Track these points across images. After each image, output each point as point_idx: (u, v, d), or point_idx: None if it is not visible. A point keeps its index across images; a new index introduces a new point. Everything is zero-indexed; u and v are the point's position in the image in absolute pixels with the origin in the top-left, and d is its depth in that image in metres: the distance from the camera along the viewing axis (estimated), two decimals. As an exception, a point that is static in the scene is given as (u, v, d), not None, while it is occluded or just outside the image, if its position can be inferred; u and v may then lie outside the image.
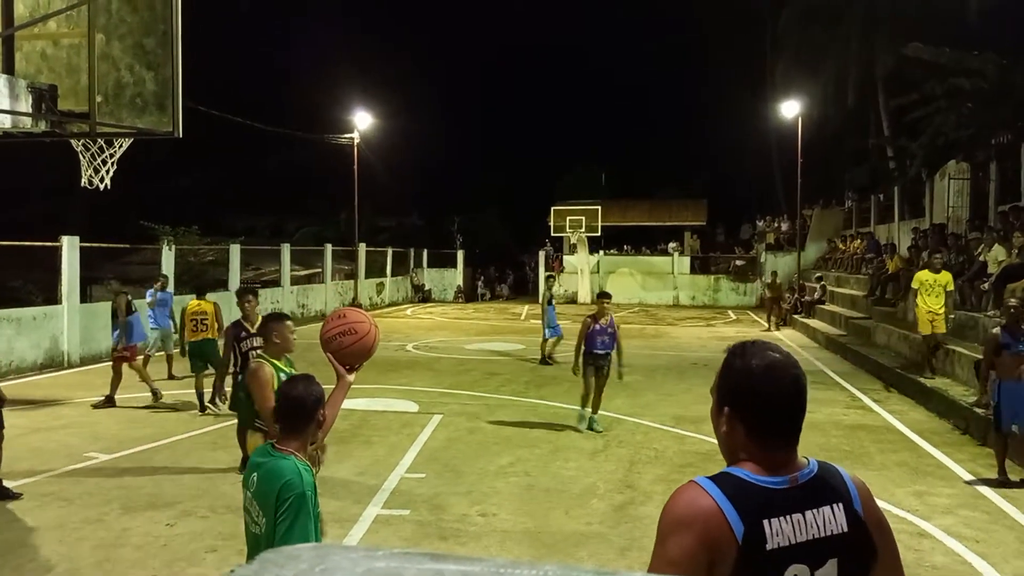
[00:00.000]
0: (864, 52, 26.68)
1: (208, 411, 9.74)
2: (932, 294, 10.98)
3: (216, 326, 10.41)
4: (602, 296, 9.31)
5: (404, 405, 10.48)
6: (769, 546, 1.55)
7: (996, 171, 16.87)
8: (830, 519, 1.61)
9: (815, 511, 1.60)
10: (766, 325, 21.93)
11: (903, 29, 22.51)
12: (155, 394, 10.50)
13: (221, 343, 10.04)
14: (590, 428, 8.95)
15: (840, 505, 1.63)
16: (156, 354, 12.60)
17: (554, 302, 14.85)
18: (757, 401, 1.65)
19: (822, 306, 21.65)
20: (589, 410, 9.02)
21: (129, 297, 11.06)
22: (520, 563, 0.67)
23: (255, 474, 2.76)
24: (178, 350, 11.69)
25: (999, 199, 16.61)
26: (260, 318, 7.36)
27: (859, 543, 1.63)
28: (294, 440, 2.82)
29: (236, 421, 7.32)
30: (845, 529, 1.62)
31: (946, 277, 11.20)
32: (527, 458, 7.87)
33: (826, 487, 1.65)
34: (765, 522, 1.56)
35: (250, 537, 2.80)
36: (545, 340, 14.48)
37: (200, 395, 9.89)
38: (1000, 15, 18.96)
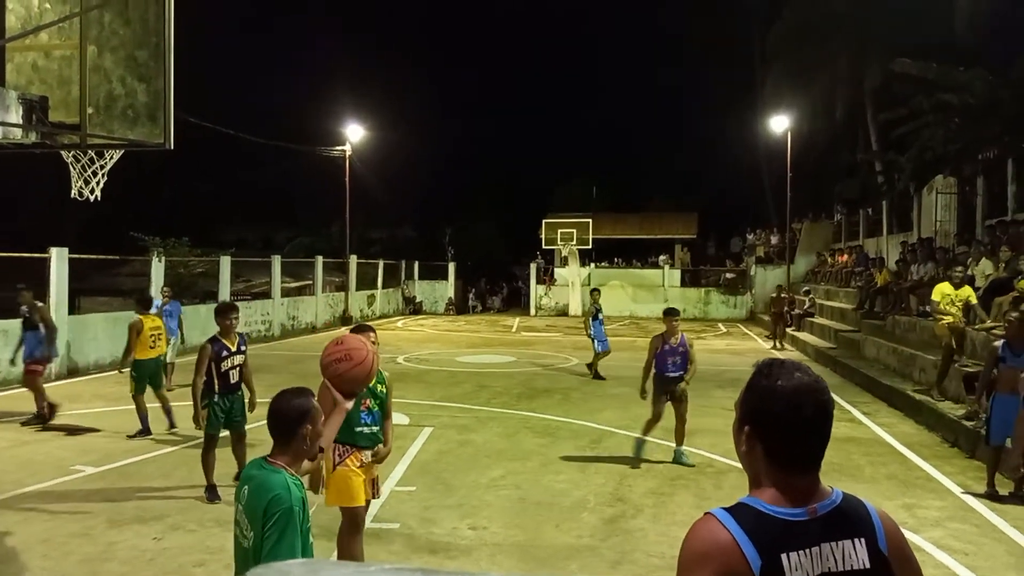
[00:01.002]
0: (853, 68, 26.96)
1: (175, 430, 9.35)
2: (953, 308, 10.84)
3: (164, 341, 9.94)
4: (669, 313, 8.26)
5: (394, 418, 10.40)
6: None
7: (983, 186, 17.04)
8: (850, 554, 1.56)
9: (833, 544, 1.55)
10: (772, 343, 20.40)
11: (891, 44, 22.76)
12: (42, 417, 9.68)
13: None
14: (678, 461, 8.07)
15: (862, 540, 1.58)
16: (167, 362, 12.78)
17: (601, 316, 14.40)
18: (778, 424, 1.60)
19: (811, 319, 21.74)
20: (647, 439, 8.23)
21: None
22: (510, 578, 0.67)
23: (246, 487, 2.74)
24: (126, 370, 9.79)
25: (986, 213, 16.78)
26: (237, 336, 7.18)
27: None
28: (284, 454, 2.80)
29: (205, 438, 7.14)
30: (867, 566, 1.56)
31: (967, 291, 10.98)
32: (518, 471, 7.85)
33: (847, 520, 1.59)
34: (783, 556, 1.50)
35: (239, 551, 2.77)
36: (597, 355, 14.22)
37: (168, 411, 9.50)
38: (987, 31, 19.22)
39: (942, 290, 10.98)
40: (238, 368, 7.08)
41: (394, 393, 5.23)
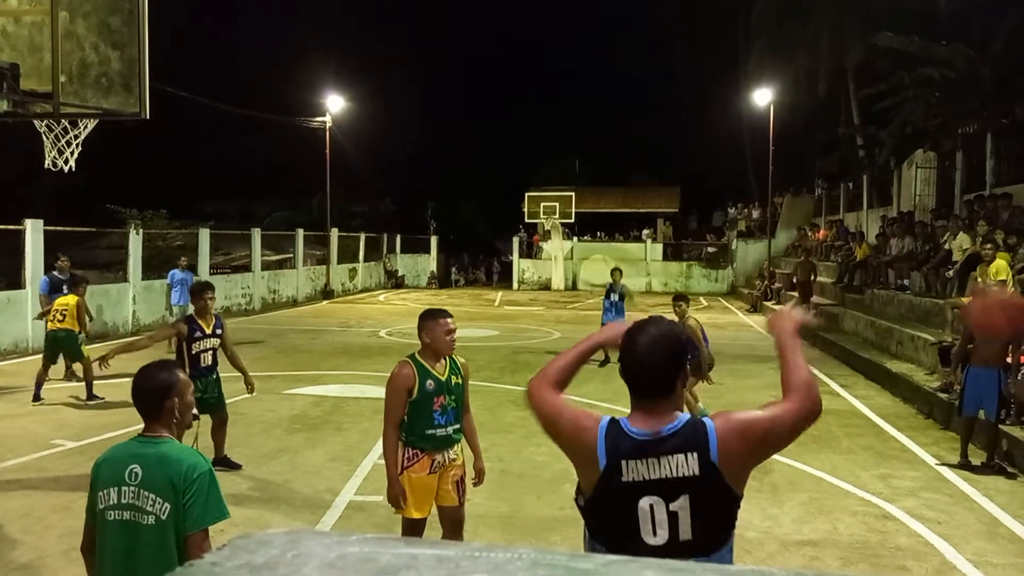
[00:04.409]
0: (835, 42, 26.94)
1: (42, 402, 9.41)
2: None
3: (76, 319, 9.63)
4: (677, 299, 8.15)
5: (377, 391, 10.39)
6: (624, 479, 2.03)
7: (962, 160, 17.18)
8: (682, 464, 2.02)
9: (668, 457, 2.02)
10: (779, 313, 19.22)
11: (873, 18, 22.75)
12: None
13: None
14: None
15: (695, 453, 2.02)
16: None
17: (613, 297, 12.74)
18: (623, 360, 2.14)
19: (792, 292, 21.89)
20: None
21: None
22: (495, 547, 0.67)
23: (135, 466, 2.67)
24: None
25: (965, 188, 16.93)
26: (213, 318, 6.93)
27: (710, 484, 2.02)
28: (163, 429, 2.77)
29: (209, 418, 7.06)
30: (697, 473, 2.01)
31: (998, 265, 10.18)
32: (500, 443, 7.89)
33: (684, 439, 2.04)
34: (623, 462, 2.04)
35: (133, 532, 2.66)
36: None
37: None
38: (968, 6, 19.24)
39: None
40: (211, 352, 6.85)
41: (376, 367, 5.01)
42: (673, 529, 2.02)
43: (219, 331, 6.93)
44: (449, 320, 4.36)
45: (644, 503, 2.01)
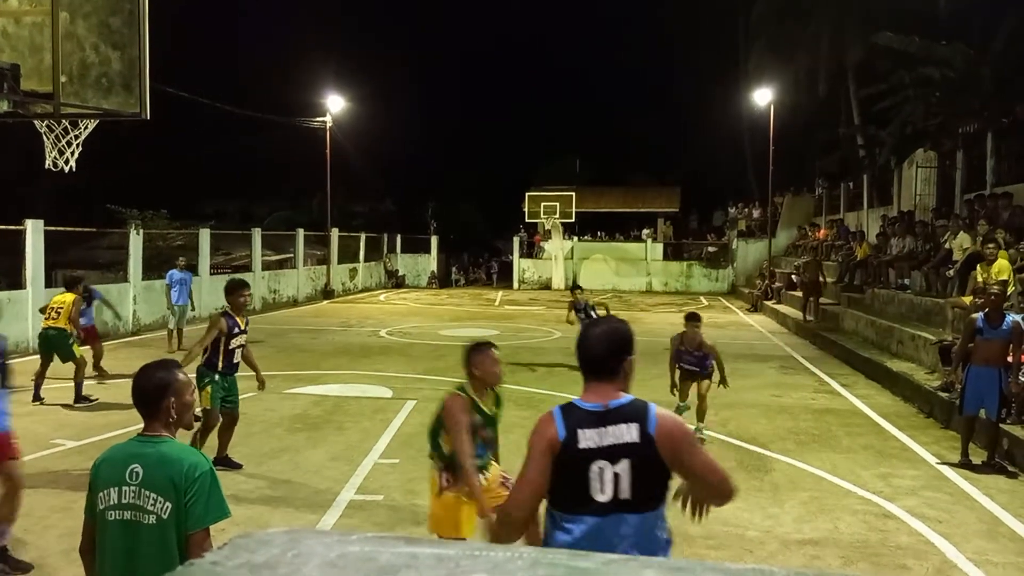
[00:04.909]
0: (835, 42, 26.93)
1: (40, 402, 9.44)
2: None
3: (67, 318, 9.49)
4: (690, 318, 8.16)
5: (378, 391, 10.44)
6: (581, 446, 2.44)
7: (963, 160, 17.17)
8: (624, 432, 2.44)
9: (614, 426, 2.45)
10: (802, 315, 17.69)
11: (873, 18, 22.73)
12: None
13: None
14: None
15: (636, 424, 2.45)
16: (176, 328, 13.97)
17: (589, 312, 11.99)
18: (579, 353, 2.62)
19: (793, 292, 21.90)
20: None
21: None
22: (495, 546, 0.67)
23: (135, 466, 2.67)
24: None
25: (965, 187, 16.92)
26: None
27: (645, 452, 2.42)
28: (162, 428, 2.77)
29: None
30: (636, 440, 2.43)
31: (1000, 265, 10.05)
32: (500, 443, 7.88)
33: (627, 412, 2.47)
34: (579, 431, 2.45)
35: (135, 532, 2.66)
36: None
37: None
38: (968, 6, 19.22)
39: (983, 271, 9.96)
40: (241, 348, 6.97)
41: (377, 367, 5.02)
42: (616, 488, 2.41)
43: (246, 328, 7.10)
44: (496, 351, 4.34)
45: (595, 467, 2.42)
